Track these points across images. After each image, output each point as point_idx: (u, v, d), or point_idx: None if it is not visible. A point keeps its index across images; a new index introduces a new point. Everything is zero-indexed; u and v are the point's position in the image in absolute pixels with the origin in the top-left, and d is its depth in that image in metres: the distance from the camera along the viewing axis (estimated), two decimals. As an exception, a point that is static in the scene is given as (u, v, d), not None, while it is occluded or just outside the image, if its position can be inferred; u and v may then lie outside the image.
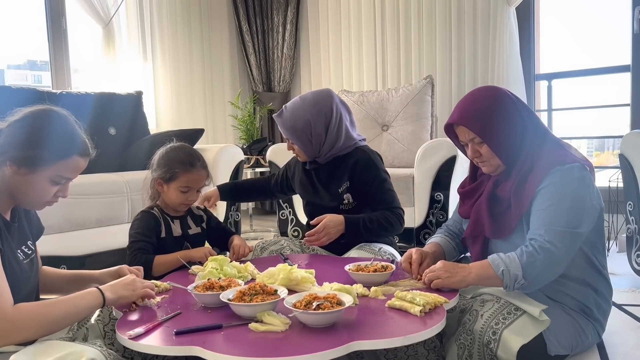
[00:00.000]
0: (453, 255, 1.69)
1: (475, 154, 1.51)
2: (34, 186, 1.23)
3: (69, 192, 1.32)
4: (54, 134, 1.24)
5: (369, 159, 1.94)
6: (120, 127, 3.30)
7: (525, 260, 1.33)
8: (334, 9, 4.51)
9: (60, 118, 1.28)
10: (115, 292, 1.28)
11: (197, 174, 1.84)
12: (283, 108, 1.98)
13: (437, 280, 1.39)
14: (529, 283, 1.34)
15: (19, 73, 4.34)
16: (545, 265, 1.33)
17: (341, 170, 1.97)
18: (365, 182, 1.92)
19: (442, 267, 1.41)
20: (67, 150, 1.25)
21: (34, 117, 1.25)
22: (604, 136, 4.14)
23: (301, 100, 1.96)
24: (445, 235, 1.71)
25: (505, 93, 1.50)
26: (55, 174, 1.24)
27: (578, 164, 1.40)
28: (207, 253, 1.75)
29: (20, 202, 1.28)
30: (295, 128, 1.93)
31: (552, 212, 1.36)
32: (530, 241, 1.36)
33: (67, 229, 2.53)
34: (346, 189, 1.95)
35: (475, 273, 1.39)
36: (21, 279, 1.26)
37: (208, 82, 4.72)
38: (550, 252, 1.32)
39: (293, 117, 1.94)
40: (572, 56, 3.80)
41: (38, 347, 1.10)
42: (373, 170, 1.92)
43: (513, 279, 1.33)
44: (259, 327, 1.16)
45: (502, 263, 1.35)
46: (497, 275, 1.34)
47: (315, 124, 1.91)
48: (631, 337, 1.77)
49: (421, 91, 3.46)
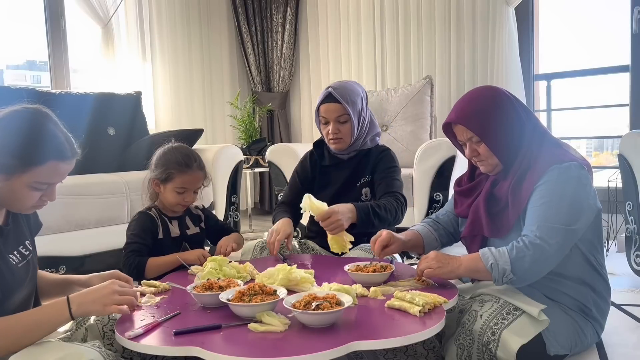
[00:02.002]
0: (434, 246, 1.70)
1: (473, 153, 1.51)
2: (14, 193, 1.18)
3: (56, 195, 1.25)
4: (29, 139, 1.16)
5: (392, 153, 2.04)
6: (120, 128, 3.30)
7: (514, 255, 1.33)
8: (333, 9, 4.52)
9: (36, 121, 1.19)
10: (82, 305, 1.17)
11: (192, 175, 1.83)
12: (330, 88, 1.95)
13: (427, 270, 1.41)
14: (517, 278, 1.34)
15: (18, 73, 4.34)
16: (534, 260, 1.32)
17: (364, 164, 2.01)
18: (384, 168, 1.98)
19: (434, 257, 1.43)
20: (43, 157, 1.17)
21: (8, 121, 1.17)
22: (603, 136, 4.14)
23: (345, 81, 2.03)
24: (430, 225, 1.72)
25: (503, 93, 1.50)
26: (32, 180, 1.17)
27: (576, 162, 1.40)
28: (201, 256, 1.75)
29: (7, 207, 1.24)
30: (354, 102, 1.94)
31: (546, 208, 1.36)
32: (522, 237, 1.36)
33: (67, 229, 2.53)
34: (365, 183, 1.98)
35: (465, 265, 1.40)
36: (13, 285, 1.24)
37: (207, 82, 4.71)
38: (541, 248, 1.32)
39: (350, 91, 1.95)
40: (571, 56, 3.81)
41: (37, 348, 1.10)
42: (392, 161, 2.01)
43: (501, 273, 1.33)
44: (258, 327, 1.16)
45: (492, 256, 1.35)
46: (486, 268, 1.35)
47: (363, 100, 1.99)
48: (630, 337, 1.77)
49: (420, 91, 3.46)
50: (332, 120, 1.95)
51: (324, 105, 1.96)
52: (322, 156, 2.09)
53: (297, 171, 2.15)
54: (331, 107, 1.94)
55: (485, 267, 1.35)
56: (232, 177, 3.19)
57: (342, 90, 1.94)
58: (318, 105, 1.99)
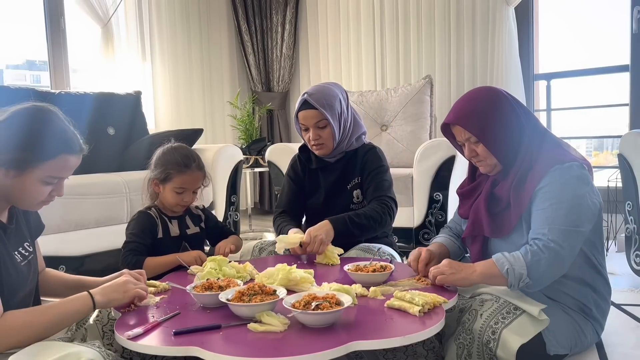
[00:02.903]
0: (458, 254, 1.70)
1: (472, 153, 1.51)
2: (25, 188, 1.20)
3: (64, 190, 1.29)
4: (40, 134, 1.20)
5: (378, 151, 2.01)
6: (119, 127, 3.30)
7: (530, 259, 1.33)
8: (333, 9, 4.51)
9: (46, 116, 1.23)
10: (105, 295, 1.25)
11: (191, 176, 1.83)
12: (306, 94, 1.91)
13: (441, 276, 1.40)
14: (534, 282, 1.34)
15: (18, 73, 4.34)
16: (550, 264, 1.33)
17: (352, 165, 1.98)
18: (372, 169, 1.95)
19: (446, 264, 1.42)
20: (54, 150, 1.21)
21: (19, 117, 1.21)
22: (603, 136, 4.14)
23: (321, 84, 1.99)
24: (450, 235, 1.72)
25: (501, 93, 1.50)
26: (45, 174, 1.21)
27: (577, 162, 1.40)
28: (198, 257, 1.74)
29: (15, 204, 1.26)
30: (331, 105, 1.90)
31: (553, 210, 1.36)
32: (534, 240, 1.36)
33: (66, 229, 2.53)
34: (356, 185, 1.96)
35: (479, 271, 1.39)
36: (17, 282, 1.25)
37: (207, 82, 4.71)
38: (555, 251, 1.32)
39: (326, 95, 1.91)
40: (571, 56, 3.81)
41: (36, 348, 1.10)
42: (378, 161, 1.98)
43: (518, 277, 1.33)
44: (257, 327, 1.16)
45: (507, 262, 1.35)
46: (502, 273, 1.34)
47: (342, 101, 1.95)
48: (630, 337, 1.77)
49: (420, 91, 3.46)
50: (311, 126, 1.91)
51: (302, 112, 1.92)
52: (309, 159, 2.06)
53: (289, 176, 2.11)
54: (308, 113, 1.90)
55: (501, 273, 1.35)
56: (231, 177, 3.19)
57: (318, 95, 1.90)
58: (296, 112, 1.96)
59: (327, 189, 2.00)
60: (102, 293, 1.25)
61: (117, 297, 1.27)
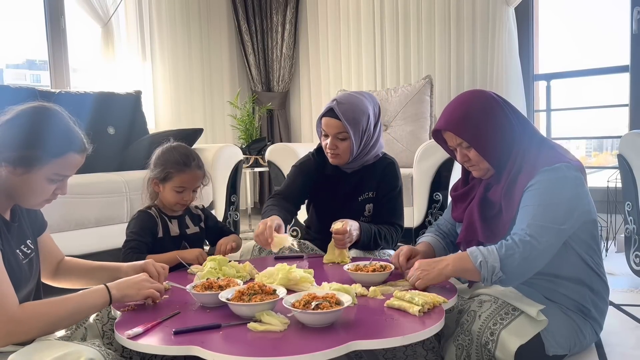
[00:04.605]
0: (443, 255, 1.69)
1: (464, 158, 1.51)
2: (32, 185, 1.22)
3: (67, 189, 1.30)
4: (48, 132, 1.22)
5: (396, 168, 1.98)
6: (119, 127, 3.30)
7: (503, 252, 1.32)
8: (333, 9, 4.51)
9: (53, 115, 1.25)
10: (120, 290, 1.28)
11: (191, 175, 1.83)
12: (335, 101, 1.86)
13: (418, 281, 1.39)
14: (507, 276, 1.32)
15: (18, 72, 4.34)
16: (524, 258, 1.31)
17: (367, 178, 1.95)
18: (388, 190, 1.94)
19: (418, 267, 1.41)
20: (61, 148, 1.23)
21: (26, 116, 1.22)
22: (603, 136, 4.14)
23: (357, 94, 1.92)
24: (436, 234, 1.72)
25: (491, 96, 1.49)
26: (52, 172, 1.22)
27: (566, 163, 1.39)
28: (199, 256, 1.75)
29: (19, 202, 1.27)
30: (357, 120, 1.83)
31: (535, 207, 1.35)
32: (512, 235, 1.35)
33: (66, 228, 2.53)
34: (369, 199, 1.94)
35: (452, 265, 1.38)
36: (21, 279, 1.26)
37: (207, 81, 4.71)
38: (531, 246, 1.31)
39: (355, 108, 1.84)
40: (571, 56, 3.81)
41: (36, 347, 1.10)
42: (395, 181, 1.96)
43: (490, 271, 1.32)
44: (257, 326, 1.16)
45: (480, 255, 1.34)
46: (475, 267, 1.33)
47: (370, 118, 1.88)
48: (629, 337, 1.77)
49: (420, 91, 3.46)
50: (331, 135, 1.88)
51: (325, 119, 1.88)
52: (323, 164, 2.01)
53: (297, 166, 2.05)
54: (331, 122, 1.86)
55: (474, 266, 1.34)
56: (231, 176, 3.19)
57: (347, 106, 1.84)
58: (320, 116, 1.92)
59: (338, 199, 1.98)
60: (117, 287, 1.28)
61: (131, 293, 1.29)
